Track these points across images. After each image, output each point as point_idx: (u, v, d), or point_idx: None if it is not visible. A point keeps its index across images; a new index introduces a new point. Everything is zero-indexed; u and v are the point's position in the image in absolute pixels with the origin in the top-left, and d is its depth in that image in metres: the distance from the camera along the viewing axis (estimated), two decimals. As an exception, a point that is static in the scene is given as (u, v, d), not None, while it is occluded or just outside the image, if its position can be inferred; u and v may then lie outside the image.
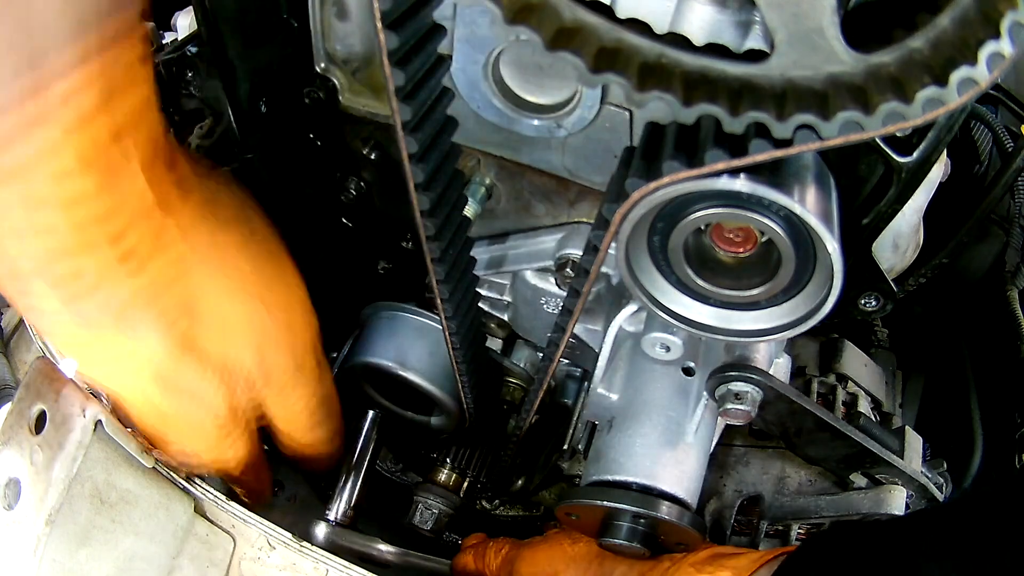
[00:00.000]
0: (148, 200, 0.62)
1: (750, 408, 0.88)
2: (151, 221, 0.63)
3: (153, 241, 0.64)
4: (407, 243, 1.17)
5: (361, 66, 0.91)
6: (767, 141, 0.52)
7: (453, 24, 0.76)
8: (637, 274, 0.72)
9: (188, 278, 0.68)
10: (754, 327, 0.73)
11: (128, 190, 0.60)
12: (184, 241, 0.67)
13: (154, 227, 0.63)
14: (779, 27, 0.48)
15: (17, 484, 0.72)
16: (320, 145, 1.01)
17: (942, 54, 0.48)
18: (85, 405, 0.75)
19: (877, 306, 0.85)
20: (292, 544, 0.84)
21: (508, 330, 1.14)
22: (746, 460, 1.15)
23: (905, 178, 0.73)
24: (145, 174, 0.60)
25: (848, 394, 1.16)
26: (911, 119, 0.49)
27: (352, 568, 0.83)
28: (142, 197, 0.61)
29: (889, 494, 0.99)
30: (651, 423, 0.93)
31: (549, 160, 0.88)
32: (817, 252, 0.65)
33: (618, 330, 0.95)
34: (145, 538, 0.79)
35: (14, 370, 1.05)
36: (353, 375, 1.15)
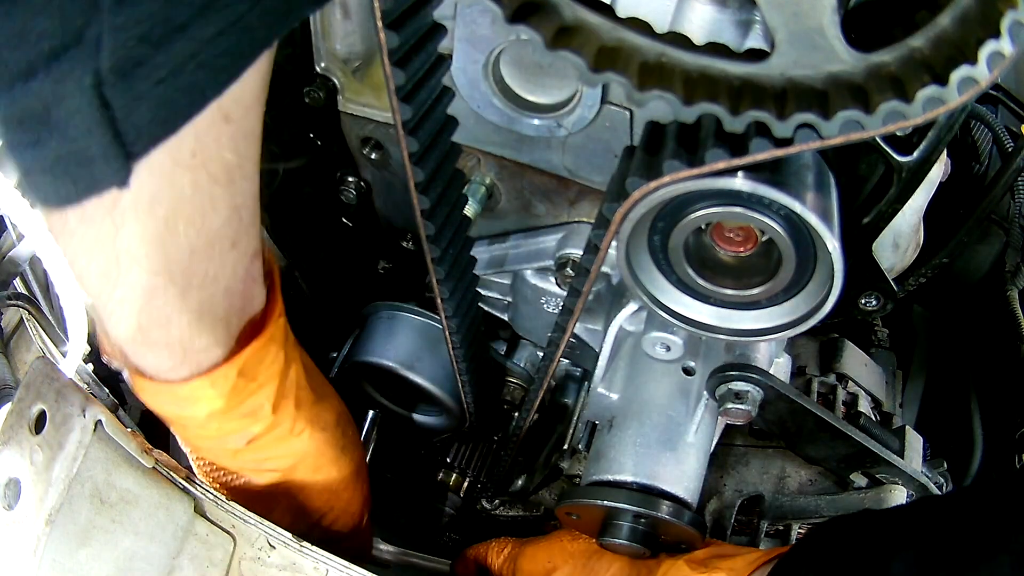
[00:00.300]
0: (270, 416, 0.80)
1: (750, 408, 0.88)
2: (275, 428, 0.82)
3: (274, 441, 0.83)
4: (407, 243, 1.17)
5: (361, 65, 0.91)
6: (768, 140, 0.52)
7: (453, 23, 0.76)
8: (637, 273, 0.72)
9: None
10: (754, 326, 0.73)
11: (260, 417, 0.79)
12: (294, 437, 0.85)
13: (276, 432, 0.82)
14: (779, 26, 0.48)
15: (17, 484, 0.72)
16: (320, 145, 1.01)
17: (942, 53, 0.48)
18: (85, 405, 0.75)
19: (877, 306, 0.85)
20: (292, 544, 0.84)
21: (510, 331, 1.14)
22: (746, 460, 1.15)
23: (905, 177, 0.74)
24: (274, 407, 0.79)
25: (848, 394, 1.16)
26: (911, 118, 0.49)
27: (352, 568, 0.83)
28: (269, 420, 0.80)
29: (889, 494, 0.99)
30: (651, 423, 0.93)
31: (549, 159, 0.88)
32: (817, 251, 0.65)
33: (618, 330, 0.95)
34: (145, 538, 0.79)
35: (14, 370, 1.05)
36: (353, 374, 1.15)
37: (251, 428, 0.80)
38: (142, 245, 0.59)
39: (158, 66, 0.50)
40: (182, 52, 0.51)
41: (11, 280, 1.07)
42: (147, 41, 0.49)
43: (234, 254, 0.66)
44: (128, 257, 0.59)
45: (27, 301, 1.03)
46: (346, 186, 1.07)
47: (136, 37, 0.49)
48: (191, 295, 0.64)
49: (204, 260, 0.63)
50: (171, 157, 0.55)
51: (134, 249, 0.59)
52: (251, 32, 0.53)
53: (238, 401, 0.75)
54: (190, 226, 0.60)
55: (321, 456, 0.88)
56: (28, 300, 1.04)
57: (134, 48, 0.49)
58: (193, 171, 0.57)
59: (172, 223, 0.59)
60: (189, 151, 0.56)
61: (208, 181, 0.59)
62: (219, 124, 0.57)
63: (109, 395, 0.97)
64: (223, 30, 0.51)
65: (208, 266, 0.64)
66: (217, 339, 0.70)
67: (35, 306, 1.04)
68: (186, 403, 0.74)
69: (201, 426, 0.78)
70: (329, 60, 0.91)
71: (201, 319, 0.67)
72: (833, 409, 1.12)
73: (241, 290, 0.70)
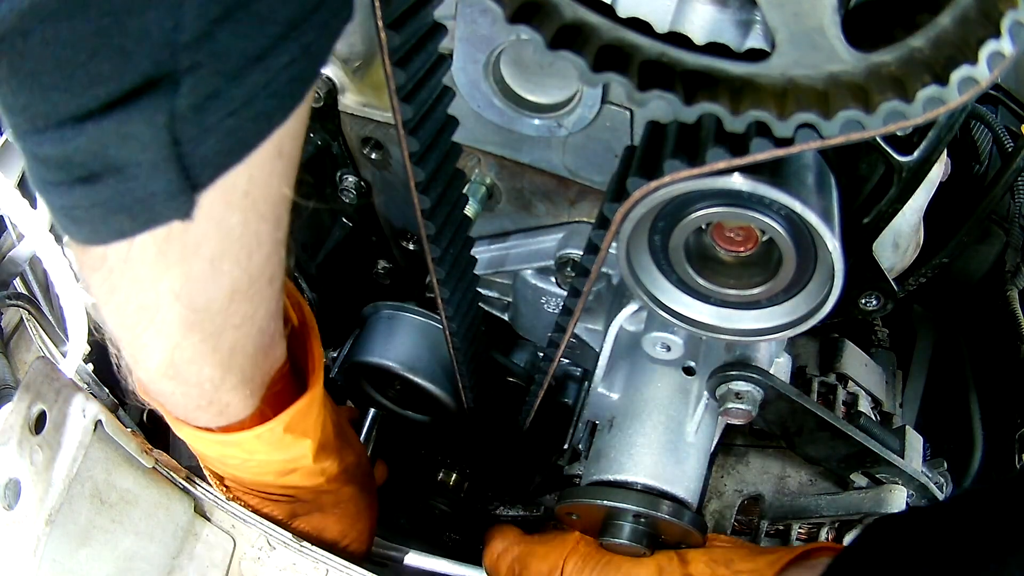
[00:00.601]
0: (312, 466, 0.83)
1: (751, 407, 0.88)
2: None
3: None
4: (408, 243, 1.17)
5: (362, 65, 0.91)
6: (768, 140, 0.52)
7: (454, 23, 0.76)
8: (638, 273, 0.72)
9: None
10: (755, 326, 0.73)
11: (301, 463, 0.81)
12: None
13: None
14: (780, 26, 0.48)
15: (17, 484, 0.72)
16: (320, 145, 1.01)
17: (943, 53, 0.48)
18: (85, 405, 0.75)
19: (877, 305, 0.85)
20: (292, 544, 0.84)
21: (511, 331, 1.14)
22: (746, 460, 1.15)
23: (906, 177, 0.74)
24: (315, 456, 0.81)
25: (848, 394, 1.16)
26: (912, 118, 0.49)
27: (352, 568, 0.83)
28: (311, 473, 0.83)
29: (890, 494, 0.99)
30: (652, 422, 0.93)
31: (550, 159, 0.88)
32: (818, 251, 0.65)
33: (619, 329, 0.95)
34: (145, 538, 0.79)
35: (14, 370, 1.05)
36: (353, 374, 1.15)
37: (289, 473, 0.81)
38: (185, 284, 0.57)
39: (233, 98, 0.48)
40: (257, 83, 0.49)
41: (11, 280, 1.07)
42: (224, 74, 0.47)
43: (270, 290, 0.65)
44: (169, 295, 0.57)
45: (27, 301, 1.03)
46: (346, 186, 1.07)
47: (215, 72, 0.47)
48: (227, 335, 0.63)
49: (244, 300, 0.62)
50: (223, 197, 0.53)
51: (176, 288, 0.57)
52: (316, 56, 0.52)
53: (281, 453, 0.77)
54: (235, 265, 0.58)
55: (341, 491, 0.91)
56: (28, 300, 1.04)
57: (212, 82, 0.47)
58: (244, 211, 0.55)
59: (217, 263, 0.57)
60: (242, 191, 0.54)
61: (257, 219, 0.57)
62: (273, 160, 0.55)
63: (109, 395, 0.97)
64: (296, 57, 0.50)
65: (247, 305, 0.63)
66: (244, 378, 0.69)
67: (35, 306, 1.04)
68: (229, 447, 0.75)
69: (239, 467, 0.80)
70: (329, 60, 0.91)
71: (232, 358, 0.66)
72: (833, 409, 1.12)
73: (271, 329, 0.69)
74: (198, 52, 0.45)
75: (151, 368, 0.65)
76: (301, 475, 0.83)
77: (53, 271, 1.01)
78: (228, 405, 0.71)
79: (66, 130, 0.46)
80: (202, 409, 0.70)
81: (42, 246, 1.00)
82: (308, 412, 0.77)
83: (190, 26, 0.44)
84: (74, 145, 0.47)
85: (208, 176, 0.51)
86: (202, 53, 0.46)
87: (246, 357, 0.68)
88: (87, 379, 0.96)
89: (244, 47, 0.47)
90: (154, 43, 0.44)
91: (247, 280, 0.61)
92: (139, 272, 0.55)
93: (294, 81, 0.51)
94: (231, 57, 0.47)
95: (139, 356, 0.64)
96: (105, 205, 0.50)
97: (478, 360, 1.03)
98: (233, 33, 0.46)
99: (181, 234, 0.53)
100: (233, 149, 0.51)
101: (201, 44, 0.45)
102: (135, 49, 0.44)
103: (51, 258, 0.99)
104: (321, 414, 0.79)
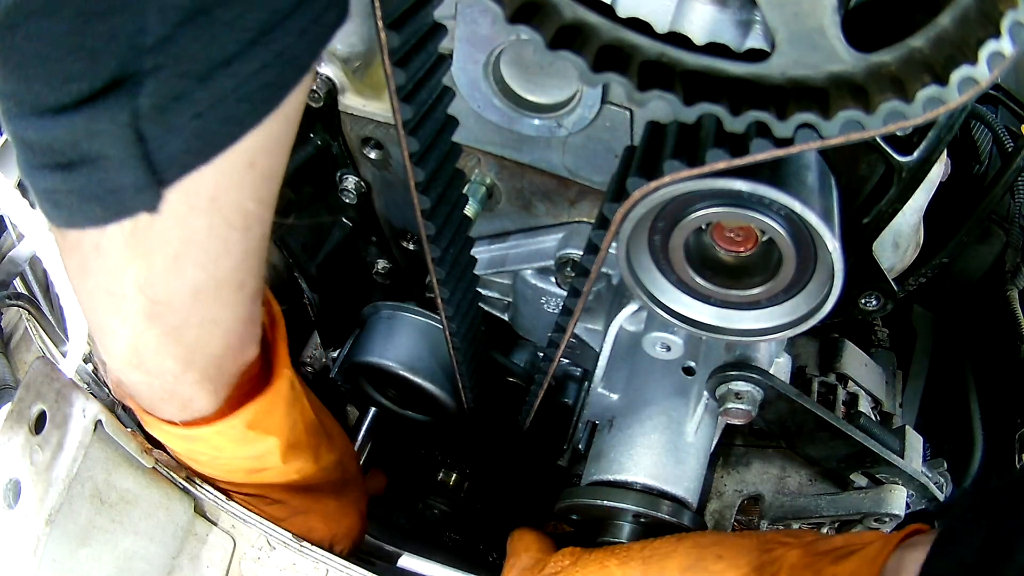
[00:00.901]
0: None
1: (751, 407, 0.88)
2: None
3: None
4: (408, 243, 1.17)
5: (362, 65, 0.91)
6: (768, 140, 0.52)
7: (454, 23, 0.76)
8: (638, 273, 0.72)
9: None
10: (755, 326, 0.73)
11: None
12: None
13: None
14: (780, 26, 0.48)
15: (17, 484, 0.72)
16: (320, 145, 1.01)
17: (942, 53, 0.48)
18: (85, 405, 0.75)
19: (877, 305, 0.85)
20: (292, 544, 0.84)
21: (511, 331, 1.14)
22: (746, 460, 1.15)
23: (906, 177, 0.73)
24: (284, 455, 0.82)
25: (848, 394, 1.16)
26: (912, 118, 0.49)
27: (352, 568, 0.83)
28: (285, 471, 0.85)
29: (889, 494, 0.99)
30: (652, 423, 0.93)
31: (550, 159, 0.88)
32: (818, 251, 0.65)
33: (619, 329, 0.95)
34: (145, 538, 0.79)
35: (14, 370, 1.05)
36: (353, 374, 1.15)
37: (259, 471, 0.82)
38: (149, 278, 0.59)
39: (198, 101, 0.50)
40: (224, 87, 0.50)
41: (11, 280, 1.07)
42: (189, 77, 0.49)
43: (239, 296, 0.67)
44: (134, 285, 0.59)
45: (27, 301, 1.03)
46: (346, 186, 1.07)
47: (178, 74, 0.48)
48: (189, 331, 0.65)
49: (209, 300, 0.64)
50: (187, 200, 0.55)
51: (140, 279, 0.59)
52: (294, 61, 0.53)
53: (246, 449, 0.78)
54: (199, 268, 0.60)
55: (322, 491, 0.91)
56: (28, 300, 1.04)
57: (175, 84, 0.49)
58: (209, 215, 0.57)
59: (180, 262, 0.59)
60: (208, 196, 0.56)
61: (224, 226, 0.59)
62: (243, 170, 0.56)
63: (109, 395, 0.97)
64: (267, 63, 0.51)
65: (212, 306, 0.65)
66: (207, 376, 0.71)
67: (35, 306, 1.04)
68: (195, 442, 0.76)
69: (208, 464, 0.81)
70: (329, 60, 0.91)
71: (195, 355, 0.68)
72: (833, 409, 1.11)
73: (240, 332, 0.71)
74: (161, 55, 0.47)
75: (117, 355, 0.67)
76: (274, 474, 0.83)
77: (53, 271, 1.01)
78: (191, 400, 0.72)
79: (46, 119, 0.49)
80: (165, 401, 0.72)
81: (42, 246, 1.00)
82: (272, 409, 0.77)
83: (153, 30, 0.46)
84: (52, 134, 0.49)
85: (174, 173, 0.53)
86: (165, 56, 0.47)
87: (210, 356, 0.69)
88: (87, 379, 0.96)
89: (209, 51, 0.48)
90: (120, 45, 0.46)
91: (212, 283, 0.62)
92: (107, 260, 0.58)
93: (266, 87, 0.52)
94: (196, 61, 0.48)
95: (107, 343, 0.67)
96: (80, 192, 0.52)
97: (478, 360, 1.03)
98: (196, 38, 0.47)
99: (147, 229, 0.55)
100: (201, 150, 0.53)
101: (164, 47, 0.47)
102: (103, 50, 0.46)
103: (51, 258, 0.99)
104: (289, 413, 0.80)
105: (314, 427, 0.87)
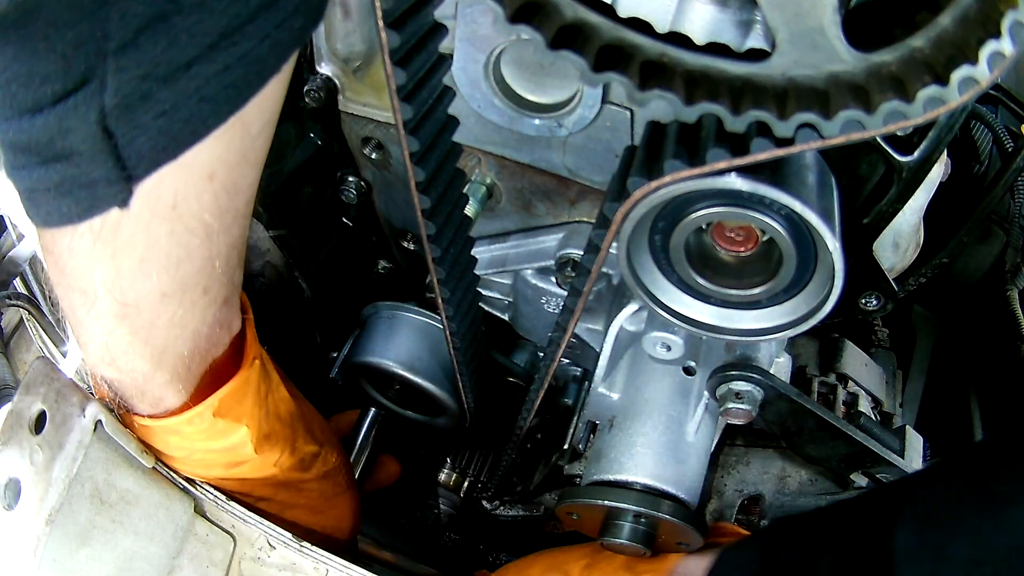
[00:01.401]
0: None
1: (751, 407, 0.88)
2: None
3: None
4: (408, 243, 1.17)
5: (362, 65, 0.91)
6: (769, 140, 0.52)
7: (454, 23, 0.76)
8: (638, 273, 0.72)
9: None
10: (755, 326, 0.73)
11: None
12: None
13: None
14: (780, 26, 0.48)
15: (17, 484, 0.72)
16: (320, 145, 1.01)
17: (943, 53, 0.48)
18: (85, 405, 0.75)
19: (878, 305, 0.85)
20: (292, 544, 0.84)
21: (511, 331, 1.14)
22: (746, 460, 1.15)
23: (906, 177, 0.74)
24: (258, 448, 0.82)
25: (848, 394, 1.16)
26: (912, 118, 0.49)
27: (352, 568, 0.83)
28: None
29: (889, 494, 0.99)
30: (652, 422, 0.93)
31: (550, 159, 0.88)
32: (818, 251, 0.65)
33: (619, 329, 0.95)
34: (145, 538, 0.79)
35: (14, 370, 1.05)
36: (353, 374, 1.15)
37: (235, 464, 0.83)
38: (116, 279, 0.62)
39: (161, 100, 0.53)
40: (186, 88, 0.53)
41: (11, 280, 1.07)
42: (151, 78, 0.52)
43: (205, 300, 0.69)
44: (103, 286, 0.63)
45: (27, 301, 1.03)
46: (346, 186, 1.07)
47: (140, 76, 0.52)
48: (156, 332, 0.68)
49: (174, 303, 0.67)
50: (149, 207, 0.58)
51: (108, 280, 0.62)
52: (258, 64, 0.55)
53: (218, 440, 0.79)
54: (163, 271, 0.63)
55: (303, 484, 0.92)
56: (28, 300, 1.04)
57: (138, 85, 0.52)
58: (171, 222, 0.60)
59: (145, 266, 0.62)
60: (169, 203, 0.59)
61: (185, 232, 0.62)
62: (202, 182, 0.60)
63: (109, 395, 0.97)
64: (229, 66, 0.54)
65: (177, 309, 0.67)
66: (176, 375, 0.73)
67: (35, 306, 1.04)
68: (169, 435, 0.78)
69: (186, 460, 0.82)
70: (329, 60, 0.91)
71: (164, 355, 0.70)
72: (833, 409, 1.12)
73: (207, 334, 0.73)
74: (123, 58, 0.51)
75: (91, 352, 0.70)
76: (251, 468, 0.84)
77: (53, 271, 1.01)
78: (161, 399, 0.74)
79: (24, 120, 0.53)
80: (137, 399, 0.75)
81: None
82: (241, 397, 0.79)
83: (116, 35, 0.50)
84: (30, 133, 0.53)
85: (144, 169, 0.56)
86: (127, 59, 0.51)
87: (178, 357, 0.71)
88: (87, 379, 0.96)
89: (169, 55, 0.52)
90: (87, 50, 0.50)
91: (177, 287, 0.65)
92: (79, 260, 0.61)
93: (229, 87, 0.55)
94: (157, 64, 0.52)
95: (83, 340, 0.69)
96: (56, 189, 0.56)
97: (478, 360, 1.03)
98: (156, 43, 0.51)
99: (113, 232, 0.59)
100: (167, 147, 0.56)
101: (126, 51, 0.51)
102: (72, 55, 0.50)
103: (51, 258, 0.98)
104: (260, 403, 0.81)
105: (290, 417, 0.88)
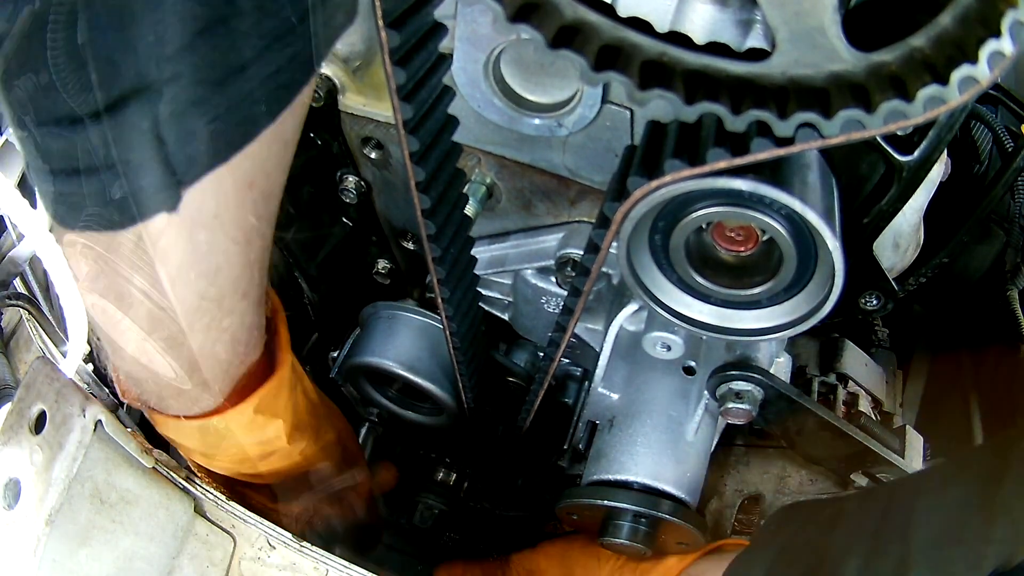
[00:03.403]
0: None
1: (751, 407, 0.88)
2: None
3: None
4: (408, 243, 1.17)
5: (362, 65, 0.91)
6: (769, 139, 0.52)
7: (454, 22, 0.76)
8: (638, 273, 0.72)
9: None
10: (755, 326, 0.73)
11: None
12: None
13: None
14: (780, 25, 0.48)
15: (17, 484, 0.72)
16: (320, 144, 1.01)
17: (943, 53, 0.48)
18: (85, 405, 0.75)
19: (878, 305, 0.85)
20: (292, 544, 0.84)
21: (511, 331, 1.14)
22: (746, 460, 1.15)
23: (906, 177, 0.74)
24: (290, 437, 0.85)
25: (848, 393, 1.16)
26: (912, 117, 0.49)
27: (352, 568, 0.83)
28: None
29: (890, 494, 0.99)
30: (652, 422, 0.93)
31: (550, 159, 0.88)
32: (818, 251, 0.65)
33: (619, 329, 0.95)
34: (145, 538, 0.79)
35: (14, 370, 1.05)
36: (353, 374, 1.15)
37: (267, 456, 0.85)
38: (155, 284, 0.61)
39: (216, 106, 0.52)
40: (240, 91, 0.52)
41: (11, 280, 1.07)
42: (206, 83, 0.50)
43: (243, 305, 0.69)
44: (141, 291, 0.62)
45: (27, 301, 1.03)
46: (346, 186, 1.07)
47: (196, 81, 0.50)
48: (195, 336, 0.67)
49: (214, 307, 0.66)
50: (192, 215, 0.57)
51: (147, 286, 0.61)
52: (305, 64, 0.55)
53: (255, 435, 0.81)
54: (202, 277, 0.63)
55: (323, 471, 0.95)
56: (28, 300, 1.04)
57: (193, 91, 0.50)
58: (212, 230, 0.60)
59: (185, 272, 0.61)
60: (212, 212, 0.58)
61: (225, 240, 0.62)
62: (243, 190, 0.59)
63: (109, 395, 0.97)
64: (281, 67, 0.53)
65: (218, 313, 0.67)
66: (214, 378, 0.73)
67: (35, 306, 1.04)
68: (207, 435, 0.79)
69: (220, 455, 0.83)
70: (329, 59, 0.91)
71: (200, 358, 0.70)
72: (833, 409, 1.12)
73: (245, 338, 0.73)
74: (179, 63, 0.49)
75: (126, 356, 0.70)
76: (280, 457, 0.86)
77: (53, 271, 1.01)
78: (197, 400, 0.75)
79: (64, 127, 0.50)
80: (174, 399, 0.75)
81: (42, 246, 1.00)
82: (278, 393, 0.80)
83: (172, 40, 0.47)
84: (72, 141, 0.51)
85: (194, 174, 0.55)
86: (183, 64, 0.49)
87: (215, 360, 0.71)
88: (87, 379, 0.96)
89: (227, 59, 0.50)
90: (139, 56, 0.48)
91: (215, 292, 0.65)
92: (116, 266, 0.60)
93: (280, 88, 0.54)
94: (213, 68, 0.50)
95: (116, 345, 0.69)
96: (98, 196, 0.54)
97: (478, 360, 1.03)
98: (213, 46, 0.49)
99: (155, 239, 0.58)
100: (218, 151, 0.55)
101: (182, 56, 0.48)
102: (121, 60, 0.48)
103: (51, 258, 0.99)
104: (291, 396, 0.83)
105: (314, 407, 0.90)
